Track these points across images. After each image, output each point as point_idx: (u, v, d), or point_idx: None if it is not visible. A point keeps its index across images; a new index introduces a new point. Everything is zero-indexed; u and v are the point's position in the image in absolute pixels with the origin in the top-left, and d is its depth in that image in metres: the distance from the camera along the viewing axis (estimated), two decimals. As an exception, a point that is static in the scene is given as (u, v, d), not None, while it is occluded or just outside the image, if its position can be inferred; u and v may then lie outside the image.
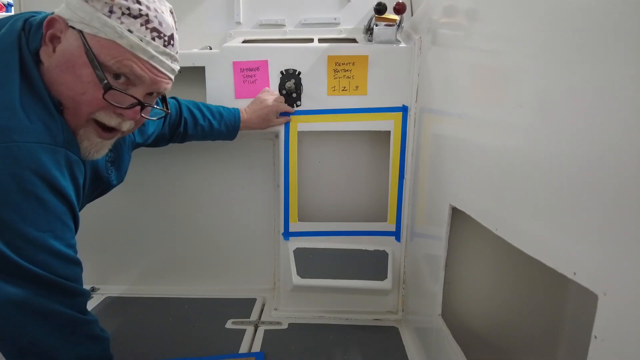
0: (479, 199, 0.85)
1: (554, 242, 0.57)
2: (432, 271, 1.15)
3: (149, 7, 0.75)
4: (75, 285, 0.74)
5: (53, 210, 0.69)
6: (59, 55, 0.73)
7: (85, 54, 0.72)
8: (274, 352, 1.29)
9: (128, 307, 1.53)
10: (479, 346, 1.05)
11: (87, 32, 0.72)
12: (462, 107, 0.97)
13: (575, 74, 0.54)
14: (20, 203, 0.66)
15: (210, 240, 1.71)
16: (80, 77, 0.73)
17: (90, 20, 0.71)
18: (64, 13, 0.74)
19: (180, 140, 1.34)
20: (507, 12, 0.75)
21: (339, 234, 1.52)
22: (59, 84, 0.74)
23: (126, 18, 0.73)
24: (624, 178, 0.45)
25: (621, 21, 0.46)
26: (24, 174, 0.65)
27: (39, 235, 0.67)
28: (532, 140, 0.64)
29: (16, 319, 0.68)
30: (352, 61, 1.39)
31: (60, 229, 0.71)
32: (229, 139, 1.40)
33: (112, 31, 0.72)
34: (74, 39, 0.73)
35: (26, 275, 0.67)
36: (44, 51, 0.74)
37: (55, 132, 0.70)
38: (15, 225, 0.65)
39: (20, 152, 0.65)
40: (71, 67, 0.73)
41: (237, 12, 1.61)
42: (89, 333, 0.77)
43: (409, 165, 1.44)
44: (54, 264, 0.70)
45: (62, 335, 0.72)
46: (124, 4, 0.72)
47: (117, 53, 0.73)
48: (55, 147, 0.69)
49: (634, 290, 0.43)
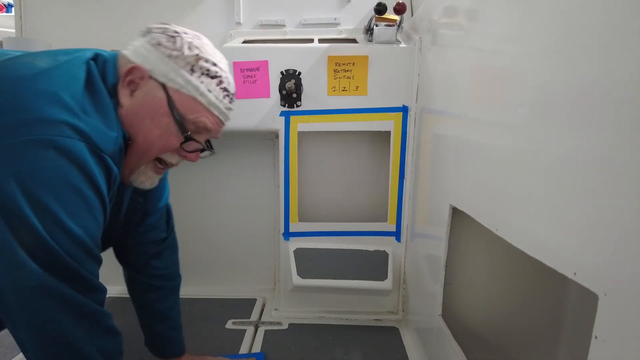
0: (479, 199, 0.85)
1: (554, 242, 0.57)
2: (433, 271, 1.15)
3: (222, 69, 0.85)
4: (98, 282, 0.77)
5: (91, 207, 0.72)
6: (139, 101, 0.81)
7: (167, 105, 0.81)
8: (274, 353, 1.29)
9: (128, 307, 1.53)
10: (479, 346, 1.05)
11: (170, 86, 0.81)
12: (462, 107, 0.97)
13: (575, 74, 0.54)
14: (65, 194, 0.68)
15: (210, 241, 1.71)
16: (159, 124, 0.81)
17: (174, 76, 0.80)
18: (141, 62, 0.81)
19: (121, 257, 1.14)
20: (507, 12, 0.75)
21: (340, 234, 1.52)
22: (137, 126, 0.81)
23: (205, 78, 0.82)
24: (624, 178, 0.45)
25: (621, 21, 0.46)
26: (70, 167, 0.68)
27: (76, 228, 0.70)
28: (532, 140, 0.64)
29: (49, 307, 0.69)
30: (352, 61, 1.39)
31: (93, 226, 0.74)
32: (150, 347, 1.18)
33: (195, 89, 0.82)
34: (157, 89, 0.81)
35: (60, 264, 0.69)
36: (122, 93, 0.81)
37: (107, 141, 0.74)
38: (58, 215, 0.67)
39: (71, 147, 0.68)
40: (152, 114, 0.81)
41: (237, 13, 1.61)
42: (109, 327, 0.79)
43: (409, 165, 1.44)
44: (83, 259, 0.72)
45: (87, 327, 0.74)
46: (204, 66, 0.82)
47: (196, 109, 0.83)
48: (102, 153, 0.72)
49: (634, 290, 0.43)
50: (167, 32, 0.82)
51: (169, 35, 0.82)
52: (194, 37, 0.84)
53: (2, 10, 3.02)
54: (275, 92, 1.42)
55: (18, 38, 1.64)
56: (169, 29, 0.83)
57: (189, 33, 0.84)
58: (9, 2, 2.98)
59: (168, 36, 0.81)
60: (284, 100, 1.43)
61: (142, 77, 0.80)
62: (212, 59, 0.84)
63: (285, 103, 1.43)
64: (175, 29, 0.84)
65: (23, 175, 0.65)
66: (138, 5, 1.63)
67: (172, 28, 0.84)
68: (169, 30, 0.83)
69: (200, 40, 0.85)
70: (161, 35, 0.82)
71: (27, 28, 1.66)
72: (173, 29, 0.83)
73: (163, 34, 0.82)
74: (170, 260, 1.17)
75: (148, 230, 1.10)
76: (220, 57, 0.87)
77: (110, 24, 1.63)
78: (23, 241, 0.66)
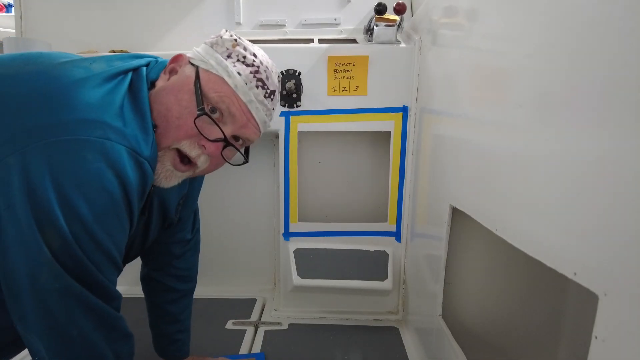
0: (479, 199, 0.85)
1: (554, 242, 0.57)
2: (433, 271, 1.15)
3: (262, 62, 0.84)
4: (115, 289, 0.76)
5: (120, 214, 0.71)
6: (170, 82, 0.82)
7: (193, 82, 0.79)
8: (274, 353, 1.29)
9: (128, 307, 1.53)
10: (480, 346, 1.05)
11: (202, 67, 0.81)
12: (462, 107, 0.97)
13: (575, 74, 0.54)
14: (95, 198, 0.67)
15: (210, 241, 1.71)
16: (180, 101, 0.78)
17: (208, 58, 0.81)
18: (190, 54, 0.84)
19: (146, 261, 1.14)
20: (507, 12, 0.75)
21: (340, 234, 1.52)
22: (160, 104, 0.79)
23: (240, 64, 0.81)
24: (624, 178, 0.44)
25: (621, 21, 0.46)
26: (107, 171, 0.67)
27: (102, 235, 0.68)
28: (532, 140, 0.64)
29: (72, 309, 0.69)
30: (352, 61, 1.39)
31: (119, 234, 0.72)
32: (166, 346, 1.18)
33: (224, 70, 0.80)
34: (190, 71, 0.81)
35: (82, 269, 0.68)
36: (161, 78, 0.82)
37: (144, 145, 0.73)
38: (85, 219, 0.66)
39: (111, 150, 0.67)
40: (176, 91, 0.79)
41: (237, 13, 1.61)
42: (124, 331, 0.79)
43: (409, 165, 1.44)
44: (105, 266, 0.71)
45: (105, 330, 0.74)
46: (241, 52, 0.82)
47: (221, 89, 0.80)
48: (142, 158, 0.71)
49: (634, 290, 0.43)
50: (225, 42, 0.84)
51: (226, 47, 0.84)
52: (248, 44, 0.85)
53: (2, 10, 3.02)
54: (275, 92, 1.42)
55: (18, 38, 1.64)
56: None
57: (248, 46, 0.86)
58: (9, 2, 2.98)
59: (226, 47, 0.84)
60: (284, 101, 1.43)
61: (182, 64, 0.83)
62: (252, 49, 0.84)
63: (285, 103, 1.43)
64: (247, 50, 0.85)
65: (59, 175, 0.64)
66: (138, 6, 1.63)
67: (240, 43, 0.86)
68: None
69: (252, 47, 0.86)
70: (219, 44, 0.84)
71: (27, 28, 1.66)
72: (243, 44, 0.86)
73: (221, 43, 0.84)
74: (191, 261, 1.18)
75: (177, 232, 1.10)
76: (263, 53, 0.87)
77: (111, 24, 1.63)
78: (50, 241, 0.65)
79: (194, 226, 1.17)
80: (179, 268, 1.14)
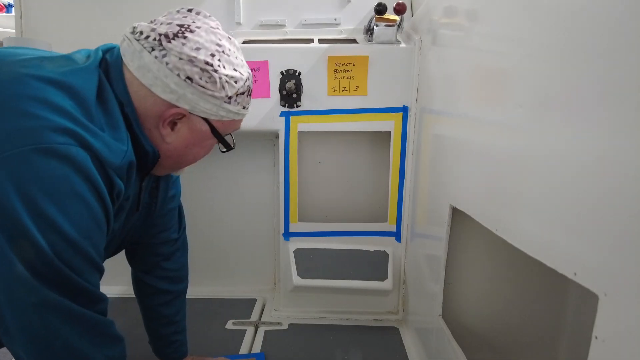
0: (479, 199, 0.85)
1: (554, 242, 0.57)
2: (433, 271, 1.15)
3: (249, 74, 0.85)
4: (100, 292, 0.76)
5: (95, 216, 0.70)
6: (185, 136, 0.83)
7: (212, 133, 0.84)
8: (275, 353, 1.29)
9: (128, 307, 1.53)
10: (480, 346, 1.05)
11: (212, 119, 0.82)
12: (462, 107, 0.97)
13: (575, 74, 0.54)
14: (69, 204, 0.66)
15: (210, 241, 1.71)
16: (205, 147, 0.88)
17: (217, 111, 0.81)
18: (174, 100, 0.78)
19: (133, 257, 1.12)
20: (507, 13, 0.75)
21: (340, 234, 1.52)
22: (186, 153, 0.86)
23: (240, 97, 0.83)
24: (624, 178, 0.44)
25: (621, 21, 0.46)
26: (74, 176, 0.66)
27: (80, 239, 0.68)
28: (532, 141, 0.64)
29: (51, 322, 0.68)
30: (352, 61, 1.39)
31: (97, 235, 0.72)
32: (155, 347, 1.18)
33: (235, 114, 0.84)
34: (201, 124, 0.82)
35: (61, 277, 0.67)
36: (164, 132, 0.82)
37: (112, 154, 0.72)
38: (62, 226, 0.65)
39: (76, 155, 0.66)
40: (199, 143, 0.85)
41: (237, 13, 1.61)
42: (112, 334, 0.78)
43: (409, 165, 1.44)
44: (85, 270, 0.70)
45: (91, 337, 0.73)
46: (240, 91, 0.82)
47: (233, 125, 0.87)
48: (107, 167, 0.71)
49: (634, 291, 0.43)
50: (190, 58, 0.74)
51: (199, 67, 0.75)
52: (220, 55, 0.77)
53: (2, 10, 3.02)
54: (275, 92, 1.42)
55: (18, 38, 1.64)
56: (183, 46, 0.74)
57: (208, 46, 0.76)
58: (9, 2, 2.98)
59: (200, 70, 0.75)
60: (284, 101, 1.43)
61: (182, 116, 0.80)
62: (244, 77, 0.82)
63: (285, 103, 1.43)
64: (189, 40, 0.75)
65: (25, 186, 0.63)
66: (138, 6, 1.63)
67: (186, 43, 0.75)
68: (187, 51, 0.74)
69: (225, 52, 0.79)
70: (184, 62, 0.74)
71: (27, 28, 1.66)
72: (188, 44, 0.75)
73: (188, 62, 0.74)
74: (181, 262, 1.16)
75: (161, 231, 1.09)
76: (241, 59, 0.84)
77: (111, 24, 1.63)
78: (23, 255, 0.64)
79: (180, 225, 1.15)
80: (168, 269, 1.12)
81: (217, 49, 0.77)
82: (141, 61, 0.75)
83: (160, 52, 0.74)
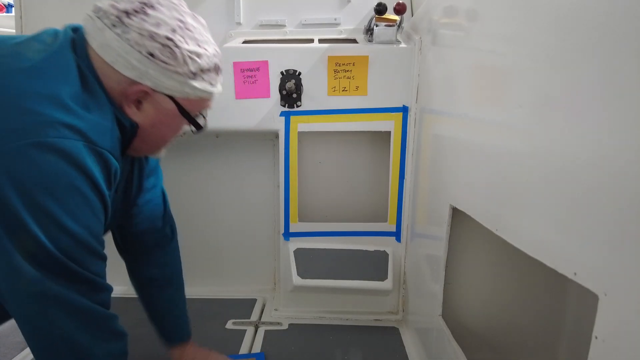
0: (479, 199, 0.85)
1: (554, 242, 0.57)
2: (433, 271, 1.15)
3: (217, 51, 0.83)
4: (103, 280, 0.77)
5: (93, 206, 0.72)
6: (152, 115, 0.82)
7: (179, 112, 0.82)
8: (275, 353, 1.29)
9: (128, 307, 1.52)
10: (480, 346, 1.05)
11: (178, 96, 0.80)
12: (462, 107, 0.97)
13: (575, 74, 0.54)
14: (65, 197, 0.68)
15: (210, 241, 1.71)
16: (173, 126, 0.86)
17: (181, 88, 0.79)
18: (136, 76, 0.76)
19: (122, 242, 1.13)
20: (507, 13, 0.75)
21: (340, 234, 1.52)
22: (154, 133, 0.85)
23: (207, 74, 0.81)
24: (624, 178, 0.45)
25: (621, 21, 0.46)
26: (70, 169, 0.67)
27: (78, 229, 0.69)
28: (532, 141, 0.64)
29: (50, 313, 0.69)
30: (352, 61, 1.39)
31: (95, 225, 0.73)
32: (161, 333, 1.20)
33: (202, 92, 0.82)
34: (166, 102, 0.81)
35: (61, 269, 0.69)
36: (130, 111, 0.80)
37: (103, 135, 0.73)
38: (58, 218, 0.67)
39: (72, 148, 0.67)
40: (167, 122, 0.84)
41: (237, 13, 1.61)
42: (114, 329, 0.79)
43: (409, 165, 1.44)
44: (86, 260, 0.72)
45: (91, 330, 0.74)
46: (205, 67, 0.80)
47: (204, 104, 0.86)
48: (100, 148, 0.72)
49: (634, 291, 0.43)
50: (151, 33, 0.73)
51: (160, 42, 0.74)
52: (182, 31, 0.76)
53: (2, 10, 3.02)
54: (275, 92, 1.42)
55: (18, 38, 1.64)
56: (144, 22, 0.73)
57: (169, 22, 0.75)
58: (9, 2, 2.98)
59: (161, 45, 0.74)
60: (284, 101, 1.43)
61: (146, 94, 0.79)
62: (208, 53, 0.79)
63: (285, 103, 1.43)
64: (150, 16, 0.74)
65: (21, 181, 0.64)
66: (138, 6, 1.63)
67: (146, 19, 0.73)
68: (148, 26, 0.73)
69: (188, 28, 0.77)
70: (145, 38, 0.73)
71: (27, 28, 1.66)
72: (149, 20, 0.73)
73: (149, 38, 0.73)
74: (170, 249, 1.17)
75: (146, 219, 1.09)
76: (208, 37, 0.82)
77: (111, 24, 1.63)
78: (23, 247, 0.66)
79: (165, 211, 1.15)
80: (158, 256, 1.13)
81: (178, 24, 0.76)
82: (103, 39, 0.74)
83: (122, 28, 0.73)
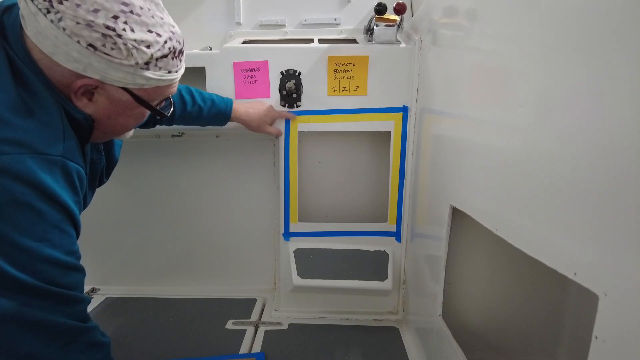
0: (479, 199, 0.85)
1: (554, 242, 0.57)
2: (433, 271, 1.15)
3: (174, 32, 0.75)
4: (75, 293, 0.73)
5: (49, 219, 0.68)
6: (105, 106, 0.76)
7: (136, 102, 0.77)
8: (275, 353, 1.29)
9: (128, 307, 1.53)
10: (480, 346, 1.05)
11: (131, 87, 0.74)
12: (462, 107, 0.97)
13: (576, 74, 0.54)
14: (14, 214, 0.64)
15: (210, 241, 1.71)
16: (133, 115, 0.80)
17: (133, 79, 0.72)
18: (80, 69, 0.69)
19: (168, 123, 1.27)
20: (508, 13, 0.75)
21: (340, 234, 1.52)
22: (112, 123, 0.80)
23: (161, 62, 0.74)
24: (624, 178, 0.45)
25: (621, 21, 0.46)
26: (15, 185, 0.63)
27: (35, 245, 0.66)
28: (533, 141, 0.64)
29: (11, 331, 0.67)
30: (352, 62, 1.39)
31: (58, 237, 0.69)
32: (219, 124, 1.36)
33: (157, 81, 0.75)
34: (120, 93, 0.75)
35: (21, 286, 0.66)
36: (80, 104, 0.74)
37: (52, 140, 0.68)
38: (10, 237, 0.64)
39: (10, 163, 0.63)
40: (124, 113, 0.79)
41: (237, 13, 1.61)
42: (89, 340, 0.76)
43: (409, 165, 1.44)
44: (52, 273, 0.69)
45: (61, 344, 0.71)
46: (158, 55, 0.72)
47: (162, 91, 0.79)
48: (51, 156, 0.67)
49: (634, 291, 0.43)
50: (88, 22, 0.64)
51: (99, 32, 0.65)
52: (126, 16, 0.67)
53: (2, 10, 3.01)
54: (275, 92, 1.42)
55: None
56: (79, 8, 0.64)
57: (110, 7, 0.66)
58: (9, 2, 2.97)
59: (102, 36, 0.65)
60: (284, 101, 1.43)
61: (95, 86, 0.73)
62: (161, 39, 0.71)
63: (285, 103, 1.43)
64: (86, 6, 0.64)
65: None
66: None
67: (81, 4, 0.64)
68: (84, 13, 0.64)
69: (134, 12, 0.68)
70: (82, 27, 0.64)
71: (27, 28, 1.66)
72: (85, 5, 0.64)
73: (86, 27, 0.64)
74: None
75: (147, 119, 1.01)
76: (161, 17, 0.72)
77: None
78: None
79: None
80: None
81: (122, 9, 0.66)
82: (38, 26, 0.65)
83: (55, 15, 0.64)
